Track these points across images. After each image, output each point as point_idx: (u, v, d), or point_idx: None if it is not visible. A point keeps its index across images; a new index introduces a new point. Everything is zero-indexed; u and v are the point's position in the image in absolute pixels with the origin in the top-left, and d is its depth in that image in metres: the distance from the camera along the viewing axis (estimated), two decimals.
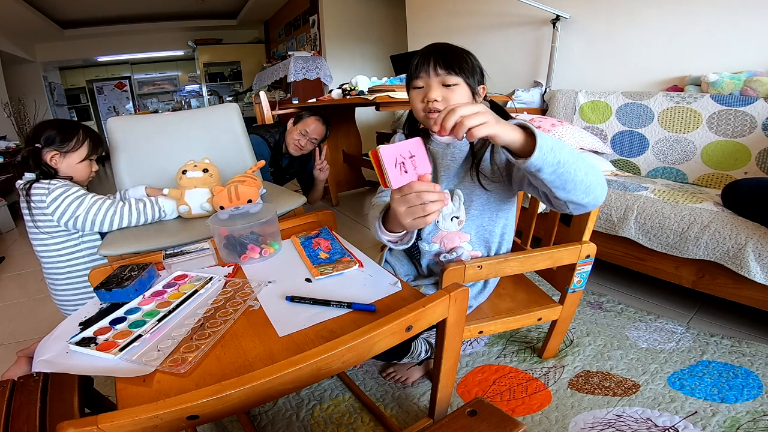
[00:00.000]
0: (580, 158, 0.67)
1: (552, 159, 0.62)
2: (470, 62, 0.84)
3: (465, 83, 0.82)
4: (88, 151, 1.22)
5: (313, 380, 0.52)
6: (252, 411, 1.01)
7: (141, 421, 0.43)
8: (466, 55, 0.84)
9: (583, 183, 0.67)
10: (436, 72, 0.82)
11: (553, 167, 0.63)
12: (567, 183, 0.66)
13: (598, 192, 0.70)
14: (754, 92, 1.47)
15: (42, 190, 1.11)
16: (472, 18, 2.73)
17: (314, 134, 2.02)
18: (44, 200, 1.11)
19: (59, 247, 1.17)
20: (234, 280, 0.80)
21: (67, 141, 1.18)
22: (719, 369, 1.05)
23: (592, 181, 0.68)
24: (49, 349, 0.63)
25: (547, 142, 0.62)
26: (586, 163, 0.68)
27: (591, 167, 0.69)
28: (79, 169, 1.21)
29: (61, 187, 1.13)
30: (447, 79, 0.82)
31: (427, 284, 0.97)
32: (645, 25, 1.88)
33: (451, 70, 0.81)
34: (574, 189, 0.68)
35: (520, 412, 0.96)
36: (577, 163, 0.65)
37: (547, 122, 1.75)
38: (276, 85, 5.35)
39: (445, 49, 0.84)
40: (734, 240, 1.08)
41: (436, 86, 0.82)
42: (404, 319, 0.57)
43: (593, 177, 0.68)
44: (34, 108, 5.44)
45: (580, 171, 0.66)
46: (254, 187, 1.20)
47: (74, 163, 1.20)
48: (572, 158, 0.64)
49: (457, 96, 0.82)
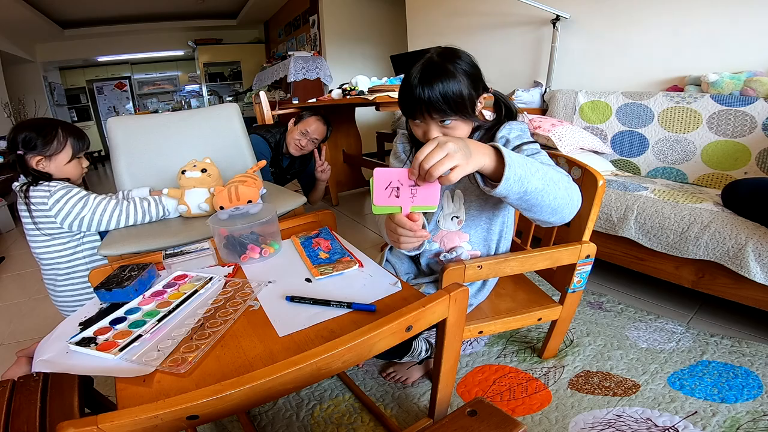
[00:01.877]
0: (551, 183, 0.68)
1: (518, 189, 0.65)
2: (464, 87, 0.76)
3: (462, 120, 0.80)
4: (74, 149, 1.18)
5: (313, 380, 0.52)
6: (252, 411, 1.01)
7: (141, 421, 0.43)
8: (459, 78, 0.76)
9: (549, 206, 0.70)
10: (432, 116, 0.79)
11: (518, 195, 0.66)
12: (533, 207, 0.70)
13: (566, 212, 0.73)
14: (754, 92, 1.47)
15: (43, 192, 1.10)
16: (472, 18, 2.73)
17: (315, 134, 2.02)
18: (46, 203, 1.10)
19: (61, 248, 1.17)
20: (234, 280, 0.80)
21: (49, 143, 1.13)
22: (719, 369, 1.05)
23: (560, 204, 0.71)
24: (49, 349, 0.63)
25: (515, 172, 0.63)
26: (558, 186, 0.70)
27: (563, 190, 0.70)
28: (68, 169, 1.18)
29: (62, 189, 1.12)
30: (442, 119, 0.79)
31: (428, 282, 0.97)
32: (645, 25, 1.88)
33: (445, 114, 0.78)
34: (540, 212, 0.72)
35: (520, 412, 0.96)
36: (546, 189, 0.67)
37: (547, 122, 1.75)
38: (276, 85, 5.35)
39: (437, 85, 0.75)
40: (734, 240, 1.08)
41: (434, 128, 0.80)
42: (404, 319, 0.57)
43: (562, 200, 0.70)
44: (34, 108, 5.44)
45: (549, 196, 0.68)
46: (254, 187, 1.20)
47: (62, 164, 1.16)
48: (542, 184, 0.66)
49: (457, 131, 0.81)
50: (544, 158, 0.81)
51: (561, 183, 0.70)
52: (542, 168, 0.68)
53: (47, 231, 1.14)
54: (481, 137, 0.89)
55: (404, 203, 0.64)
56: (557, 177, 0.70)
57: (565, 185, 0.71)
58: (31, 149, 1.11)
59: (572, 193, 0.73)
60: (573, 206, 0.73)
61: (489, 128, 0.89)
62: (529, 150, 0.82)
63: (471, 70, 0.80)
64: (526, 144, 0.83)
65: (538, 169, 0.66)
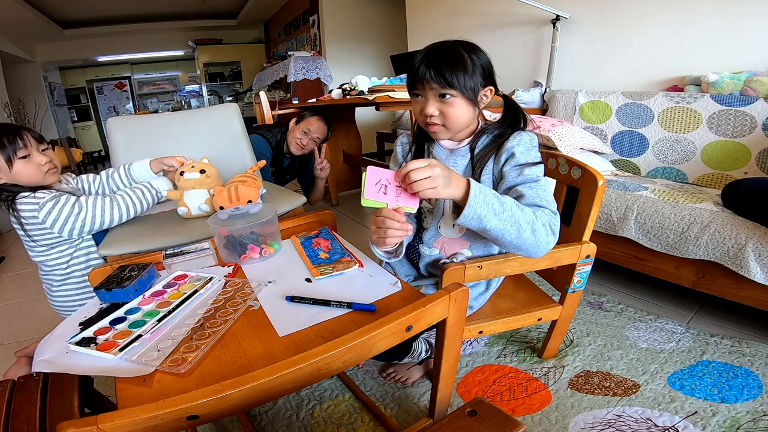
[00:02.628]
0: (514, 226, 0.72)
1: (476, 225, 0.71)
2: (469, 67, 0.79)
3: (462, 95, 0.80)
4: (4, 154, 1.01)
5: (313, 380, 0.52)
6: (252, 411, 1.01)
7: (141, 421, 0.43)
8: (466, 59, 0.79)
9: (511, 244, 0.75)
10: (431, 85, 0.80)
11: (478, 229, 0.73)
12: (495, 241, 0.76)
13: (532, 252, 0.77)
14: (754, 92, 1.47)
15: (30, 206, 1.03)
16: (472, 18, 2.73)
17: (316, 133, 2.03)
18: (36, 216, 1.04)
19: (57, 256, 1.13)
20: (234, 280, 0.80)
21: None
22: (719, 369, 1.05)
23: (523, 245, 0.75)
24: (49, 349, 0.63)
25: (475, 211, 0.69)
26: (522, 230, 0.73)
27: (529, 233, 0.74)
28: (22, 173, 1.04)
29: (51, 200, 1.04)
30: (442, 92, 0.80)
31: (428, 284, 0.97)
32: (645, 25, 1.88)
33: (445, 83, 0.78)
34: (503, 245, 0.77)
35: (520, 412, 0.96)
36: (507, 230, 0.72)
37: (547, 122, 1.75)
38: (276, 85, 5.35)
39: (442, 57, 0.79)
40: (734, 240, 1.08)
41: (432, 100, 0.82)
42: (404, 319, 0.57)
43: (525, 242, 0.75)
44: (34, 108, 5.44)
45: (509, 236, 0.73)
46: (254, 187, 1.20)
47: (7, 171, 1.03)
48: (502, 225, 0.71)
49: (455, 109, 0.81)
50: (540, 189, 0.79)
51: (528, 227, 0.73)
52: (509, 210, 0.72)
53: (43, 242, 1.10)
54: (488, 142, 0.88)
55: (389, 201, 0.71)
56: (526, 220, 0.73)
57: (534, 230, 0.73)
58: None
59: (540, 237, 0.74)
60: (539, 249, 0.76)
61: (498, 135, 0.88)
62: (528, 177, 0.81)
63: (481, 60, 0.82)
64: (528, 167, 0.82)
65: (504, 210, 0.71)
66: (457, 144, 0.92)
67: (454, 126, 0.85)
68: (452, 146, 0.92)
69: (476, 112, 0.87)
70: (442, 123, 0.84)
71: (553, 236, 0.76)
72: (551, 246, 0.77)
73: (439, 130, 0.86)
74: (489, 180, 0.87)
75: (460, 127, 0.87)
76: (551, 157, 1.06)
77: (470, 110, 0.84)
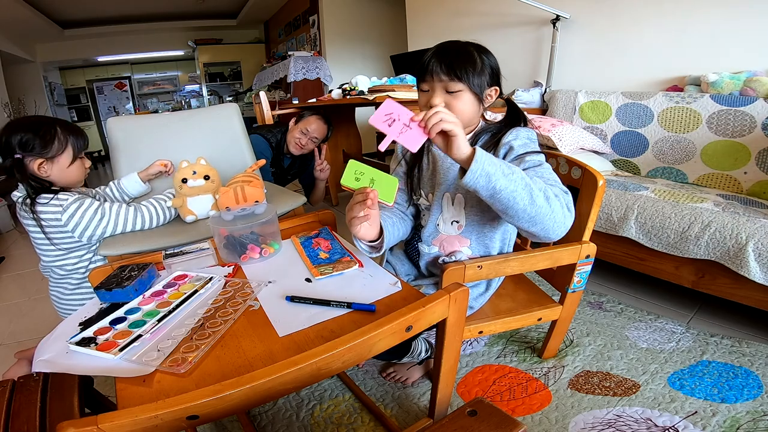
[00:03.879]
0: (525, 189, 0.69)
1: (485, 183, 0.68)
2: (478, 65, 0.81)
3: (470, 90, 0.82)
4: (75, 149, 1.08)
5: (313, 380, 0.52)
6: (252, 411, 1.01)
7: (141, 421, 0.43)
8: (476, 56, 0.82)
9: (525, 212, 0.70)
10: (440, 78, 0.81)
11: (488, 192, 0.69)
12: (507, 209, 0.71)
13: (548, 224, 0.72)
14: (754, 92, 1.47)
15: (54, 207, 1.03)
16: (473, 18, 2.73)
17: (315, 133, 2.02)
18: (60, 218, 1.03)
19: (76, 260, 1.13)
20: (234, 280, 0.80)
21: (49, 144, 1.03)
22: (719, 369, 1.05)
23: (538, 214, 0.70)
24: (49, 349, 0.63)
25: (483, 167, 0.66)
26: (535, 195, 0.70)
27: (542, 200, 0.70)
28: (72, 172, 1.09)
29: (75, 203, 1.05)
30: (450, 86, 0.81)
31: (428, 284, 0.97)
32: (645, 25, 1.88)
33: (454, 76, 0.80)
34: (516, 216, 0.72)
35: (520, 412, 0.96)
36: (518, 192, 0.68)
37: (547, 122, 1.75)
38: (276, 85, 5.35)
39: (452, 53, 0.81)
40: (734, 240, 1.08)
41: (438, 93, 0.82)
42: (404, 319, 0.57)
43: (540, 209, 0.70)
44: (35, 108, 5.44)
45: (522, 201, 0.69)
46: (260, 187, 1.19)
47: (65, 167, 1.07)
48: (513, 186, 0.68)
49: (461, 103, 0.82)
50: (545, 171, 0.80)
51: (540, 193, 0.70)
52: (518, 174, 0.70)
53: (63, 246, 1.08)
54: (486, 141, 0.89)
55: (391, 133, 0.72)
56: (537, 186, 0.71)
57: (547, 196, 0.71)
58: (30, 151, 1.01)
59: (555, 207, 0.72)
60: (556, 223, 0.73)
61: (495, 133, 0.89)
62: (530, 162, 0.81)
63: (490, 61, 0.84)
64: (529, 154, 0.82)
65: (512, 172, 0.69)
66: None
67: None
68: None
69: (480, 110, 0.88)
70: None
71: (569, 212, 0.75)
72: (569, 223, 0.75)
73: None
74: None
75: (462, 123, 0.87)
76: (551, 157, 1.06)
77: (475, 106, 0.85)
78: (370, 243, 0.86)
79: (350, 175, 0.75)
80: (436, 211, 0.93)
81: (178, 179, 1.21)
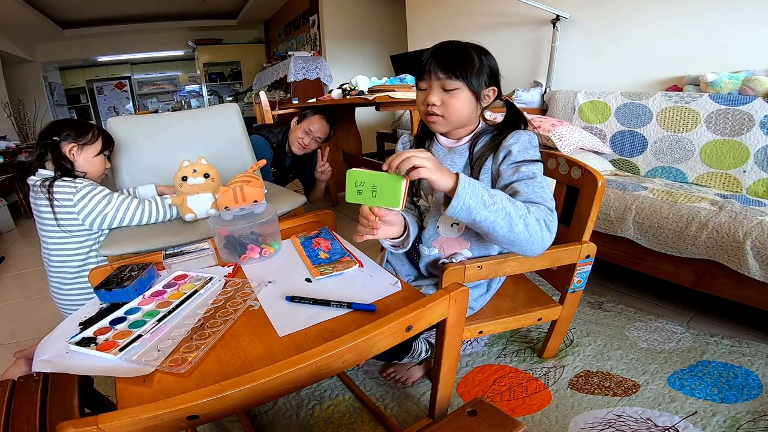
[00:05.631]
0: (505, 219, 0.71)
1: (465, 216, 0.70)
2: (477, 64, 0.82)
3: (467, 88, 0.82)
4: (103, 145, 1.26)
5: (313, 380, 0.52)
6: (252, 411, 1.01)
7: (141, 421, 0.43)
8: (475, 56, 0.82)
9: (504, 238, 0.73)
10: (438, 75, 0.81)
11: (469, 221, 0.72)
12: (487, 234, 0.74)
13: (525, 246, 0.75)
14: (753, 91, 1.47)
15: (68, 188, 1.13)
16: (472, 18, 2.73)
17: (318, 133, 2.02)
18: (71, 198, 1.12)
19: (77, 247, 1.18)
20: (234, 280, 0.80)
21: (84, 134, 1.22)
22: (719, 369, 1.05)
23: (517, 238, 0.73)
24: (49, 349, 0.63)
25: (464, 202, 0.68)
26: (515, 223, 0.72)
27: (522, 227, 0.72)
28: (94, 163, 1.24)
29: (88, 186, 1.15)
30: (448, 84, 0.82)
31: (428, 284, 0.97)
32: (644, 25, 1.88)
33: (452, 74, 0.80)
34: (495, 240, 0.76)
35: (520, 412, 0.96)
36: (498, 222, 0.71)
37: (547, 122, 1.75)
38: (276, 85, 5.35)
39: (451, 51, 0.82)
40: (732, 238, 1.08)
41: (436, 90, 0.83)
42: (404, 319, 0.57)
43: (519, 236, 0.73)
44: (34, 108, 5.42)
45: (501, 229, 0.72)
46: (259, 187, 1.19)
47: (90, 156, 1.23)
48: (493, 217, 0.70)
49: (458, 101, 0.82)
50: (536, 185, 0.80)
51: (520, 220, 0.72)
52: (500, 203, 0.71)
53: (67, 227, 1.15)
54: (486, 142, 0.89)
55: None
56: (518, 214, 0.72)
57: (526, 223, 0.73)
58: (65, 137, 1.19)
59: (533, 232, 0.73)
60: (534, 245, 0.75)
61: (496, 135, 0.89)
62: (525, 173, 0.81)
63: (489, 62, 0.85)
64: (525, 164, 0.82)
65: (494, 202, 0.70)
66: (456, 142, 0.92)
67: (454, 118, 0.85)
68: (451, 144, 0.93)
69: (478, 110, 0.88)
70: (442, 113, 0.85)
71: (549, 233, 0.76)
72: (547, 243, 0.76)
73: (438, 120, 0.87)
74: (488, 179, 0.87)
75: (459, 122, 0.87)
76: (551, 157, 1.06)
77: (472, 105, 0.85)
78: (393, 240, 0.88)
79: (351, 188, 0.73)
80: (435, 212, 0.93)
81: (178, 177, 1.22)
